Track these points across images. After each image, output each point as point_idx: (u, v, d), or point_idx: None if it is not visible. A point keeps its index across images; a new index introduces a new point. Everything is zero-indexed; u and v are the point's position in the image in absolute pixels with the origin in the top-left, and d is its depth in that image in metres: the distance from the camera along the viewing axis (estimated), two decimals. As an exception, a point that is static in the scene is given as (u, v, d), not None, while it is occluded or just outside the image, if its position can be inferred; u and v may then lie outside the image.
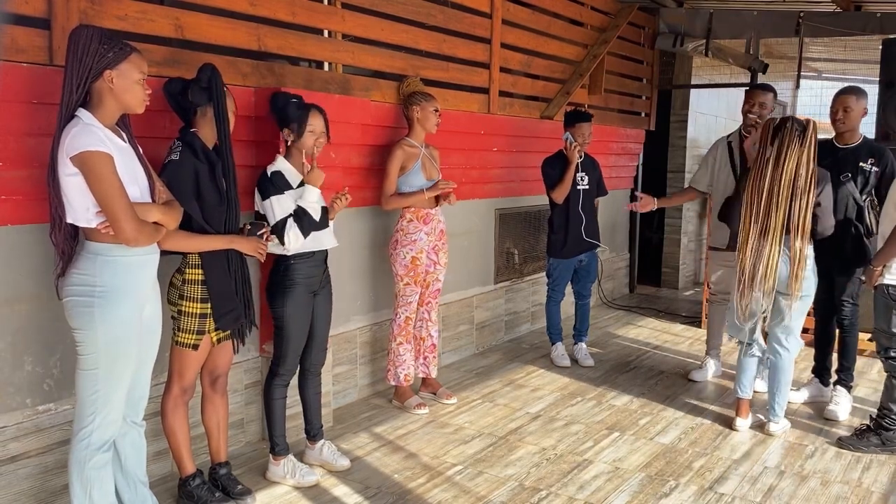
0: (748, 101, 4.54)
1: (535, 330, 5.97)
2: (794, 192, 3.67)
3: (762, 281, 3.75)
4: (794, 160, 3.65)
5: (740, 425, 4.04)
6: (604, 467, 3.57)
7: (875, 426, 3.81)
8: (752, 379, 4.06)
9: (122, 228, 2.38)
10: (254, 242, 2.95)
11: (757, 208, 3.74)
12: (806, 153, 3.65)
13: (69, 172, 2.35)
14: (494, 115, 5.21)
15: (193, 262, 2.85)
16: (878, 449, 3.75)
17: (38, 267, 2.81)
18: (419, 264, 4.11)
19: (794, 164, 3.65)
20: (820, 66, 10.04)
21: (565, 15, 5.90)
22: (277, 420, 3.34)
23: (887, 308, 3.65)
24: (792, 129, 3.65)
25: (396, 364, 4.21)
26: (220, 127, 2.85)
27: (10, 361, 2.78)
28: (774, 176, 3.68)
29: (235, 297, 2.95)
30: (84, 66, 2.36)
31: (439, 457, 3.65)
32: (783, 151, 3.66)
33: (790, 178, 3.66)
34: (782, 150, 3.66)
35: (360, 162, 4.13)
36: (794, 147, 3.65)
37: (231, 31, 3.41)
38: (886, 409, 3.76)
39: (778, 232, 3.70)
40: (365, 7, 4.09)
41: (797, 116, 3.78)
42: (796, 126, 3.67)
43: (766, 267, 3.73)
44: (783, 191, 3.67)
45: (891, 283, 3.62)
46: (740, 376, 4.05)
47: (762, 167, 3.72)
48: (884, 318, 3.68)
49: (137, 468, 2.76)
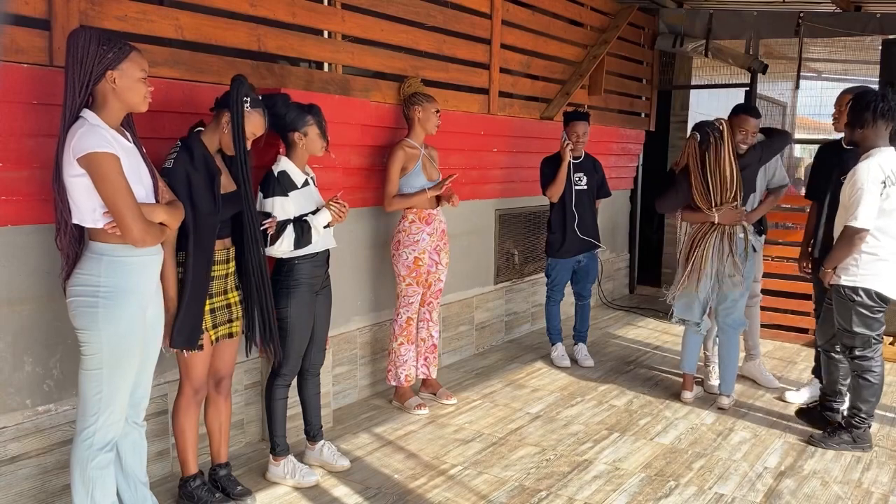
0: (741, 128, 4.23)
1: (536, 330, 5.97)
2: (728, 186, 4.07)
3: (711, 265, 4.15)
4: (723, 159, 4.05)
5: (688, 397, 4.42)
6: (604, 468, 3.57)
7: (846, 424, 3.83)
8: (696, 355, 4.46)
9: (129, 229, 2.39)
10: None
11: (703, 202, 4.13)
12: (726, 150, 4.05)
13: (76, 173, 2.35)
14: (494, 115, 5.21)
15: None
16: (849, 447, 3.79)
17: (39, 267, 2.81)
18: (421, 265, 4.11)
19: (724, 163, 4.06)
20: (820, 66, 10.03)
21: (565, 15, 5.90)
22: (278, 420, 3.34)
23: (846, 308, 3.69)
24: (715, 135, 4.05)
25: (397, 364, 4.21)
26: (235, 139, 2.82)
27: (10, 362, 2.78)
28: (715, 175, 4.07)
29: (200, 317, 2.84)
30: (85, 68, 2.37)
31: (439, 457, 3.65)
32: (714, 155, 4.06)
33: (724, 175, 4.06)
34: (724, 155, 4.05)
35: (360, 162, 4.13)
36: (721, 148, 4.05)
37: (231, 31, 3.41)
38: (856, 409, 3.78)
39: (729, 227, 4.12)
40: (365, 8, 4.09)
41: (710, 121, 4.16)
42: (715, 131, 4.06)
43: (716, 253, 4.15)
44: (721, 186, 4.07)
45: (846, 284, 3.66)
46: (687, 354, 4.42)
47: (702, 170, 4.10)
48: (844, 318, 3.71)
49: (138, 468, 2.76)
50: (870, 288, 3.62)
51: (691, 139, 4.15)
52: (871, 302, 3.63)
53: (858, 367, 3.74)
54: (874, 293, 3.63)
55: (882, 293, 3.63)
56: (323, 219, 3.22)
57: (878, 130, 3.59)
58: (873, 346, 3.68)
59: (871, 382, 3.71)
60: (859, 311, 3.65)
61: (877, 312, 3.66)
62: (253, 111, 2.86)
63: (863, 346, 3.69)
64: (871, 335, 3.67)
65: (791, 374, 5.04)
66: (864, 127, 3.60)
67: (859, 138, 3.65)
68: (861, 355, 3.70)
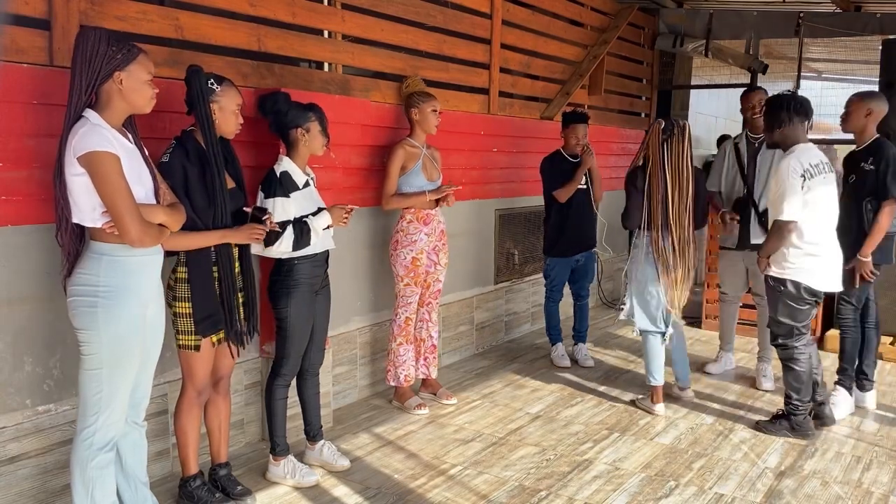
0: (747, 102, 4.67)
1: (535, 330, 5.97)
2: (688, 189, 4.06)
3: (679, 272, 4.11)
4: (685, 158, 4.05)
5: (661, 410, 4.26)
6: (604, 468, 3.57)
7: (785, 412, 3.99)
8: (663, 365, 4.29)
9: (127, 229, 2.39)
10: (245, 231, 2.90)
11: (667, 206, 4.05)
12: (688, 151, 4.07)
13: (76, 172, 2.36)
14: (494, 115, 5.22)
15: (183, 261, 2.84)
16: (788, 434, 3.94)
17: (39, 267, 2.81)
18: (419, 265, 4.11)
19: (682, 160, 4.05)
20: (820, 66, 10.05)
21: (565, 15, 5.91)
22: (278, 420, 3.34)
23: (774, 297, 3.88)
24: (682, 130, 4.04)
25: (396, 365, 4.21)
26: (204, 130, 2.79)
27: (10, 362, 2.78)
28: (681, 175, 4.04)
29: (215, 303, 2.86)
30: (93, 68, 2.37)
31: (439, 457, 3.65)
32: (680, 152, 4.04)
33: (687, 175, 4.05)
34: (679, 150, 4.04)
35: (360, 162, 4.13)
36: (681, 144, 4.04)
37: (231, 31, 3.42)
38: (787, 396, 3.95)
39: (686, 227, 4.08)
40: (365, 8, 4.09)
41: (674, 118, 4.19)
42: (677, 125, 4.06)
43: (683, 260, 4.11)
44: (685, 188, 4.05)
45: (775, 275, 3.83)
46: (656, 365, 4.25)
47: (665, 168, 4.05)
48: (772, 306, 3.91)
49: (138, 468, 2.76)
50: (798, 281, 3.77)
51: (655, 125, 4.15)
52: (798, 294, 3.79)
53: (783, 355, 3.93)
54: (802, 286, 3.77)
55: (811, 287, 3.77)
56: (323, 221, 3.22)
57: (795, 128, 3.76)
58: (796, 336, 3.86)
59: (796, 369, 3.88)
60: (786, 301, 3.82)
61: (803, 304, 3.82)
62: (225, 89, 2.85)
63: (787, 334, 3.86)
64: (795, 325, 3.84)
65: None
66: (783, 126, 3.77)
67: (779, 138, 3.82)
68: (784, 343, 3.89)
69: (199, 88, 2.77)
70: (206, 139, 2.79)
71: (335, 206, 3.29)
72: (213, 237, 2.82)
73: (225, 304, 2.89)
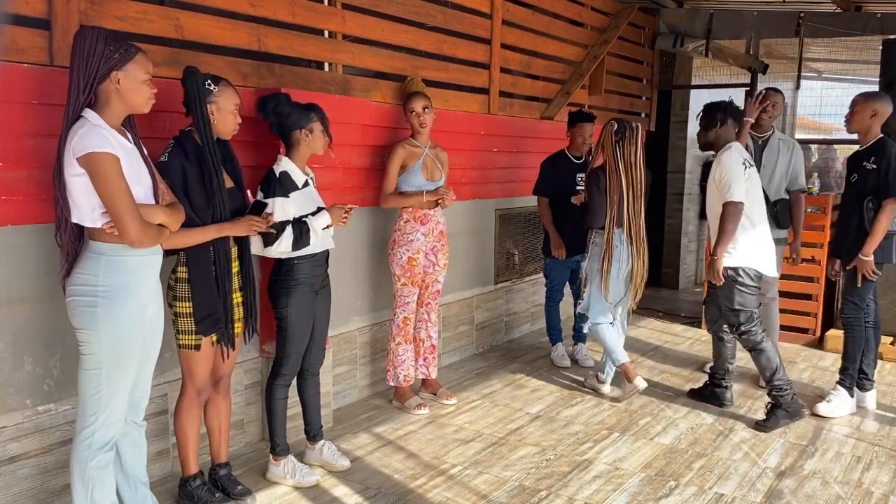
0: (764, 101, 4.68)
1: (535, 330, 5.97)
2: (642, 188, 4.26)
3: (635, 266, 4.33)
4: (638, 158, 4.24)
5: (641, 383, 4.39)
6: (604, 468, 3.57)
7: (774, 401, 4.10)
8: (621, 344, 4.52)
9: (126, 229, 2.39)
10: (244, 223, 2.89)
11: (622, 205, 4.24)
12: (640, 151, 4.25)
13: (75, 173, 2.36)
14: (494, 115, 5.22)
15: (183, 261, 2.85)
16: (788, 420, 4.08)
17: (38, 267, 2.81)
18: (416, 265, 4.11)
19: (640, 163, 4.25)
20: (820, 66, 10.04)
21: (565, 15, 5.90)
22: (278, 420, 3.34)
23: (728, 288, 4.08)
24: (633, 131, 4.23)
25: (395, 365, 4.21)
26: (200, 131, 2.79)
27: (10, 362, 2.78)
28: (635, 175, 4.23)
29: (216, 302, 2.86)
30: (90, 67, 2.37)
31: (439, 457, 3.65)
32: (633, 152, 4.23)
33: (640, 175, 4.25)
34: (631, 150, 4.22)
35: (361, 162, 4.14)
36: (637, 147, 4.24)
37: (231, 31, 3.42)
38: (768, 381, 4.13)
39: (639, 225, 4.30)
40: (365, 7, 4.09)
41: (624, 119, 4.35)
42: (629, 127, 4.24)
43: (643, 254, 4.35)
44: (639, 187, 4.25)
45: (727, 265, 4.04)
46: (616, 346, 4.43)
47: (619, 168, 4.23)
48: (727, 298, 4.09)
49: (138, 468, 2.76)
50: (749, 267, 4.03)
51: (608, 126, 4.30)
52: (749, 280, 4.04)
53: (749, 343, 4.12)
54: (752, 273, 4.04)
55: (759, 271, 4.06)
56: (322, 221, 3.22)
57: (728, 130, 4.12)
58: (757, 321, 4.11)
59: (766, 351, 4.09)
60: (740, 289, 4.05)
61: (753, 291, 4.08)
62: (221, 89, 2.85)
63: (747, 321, 4.08)
64: (752, 311, 4.09)
65: (791, 375, 5.03)
66: (719, 126, 4.09)
67: (714, 138, 4.14)
68: (746, 330, 4.09)
69: (196, 90, 2.76)
70: (203, 140, 2.79)
71: (335, 206, 3.29)
72: (211, 231, 2.81)
73: (225, 302, 2.89)
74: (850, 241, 4.11)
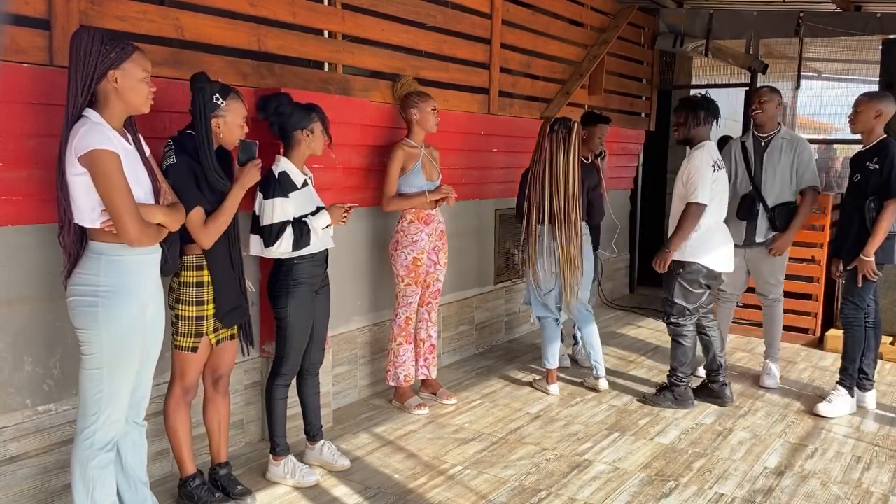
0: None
1: (536, 330, 5.95)
2: (576, 185, 4.28)
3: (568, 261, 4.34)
4: (574, 155, 4.26)
5: (555, 390, 4.55)
6: (604, 467, 3.57)
7: (668, 384, 4.35)
8: (557, 349, 4.58)
9: (125, 228, 2.39)
10: (248, 173, 2.90)
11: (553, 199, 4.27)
12: (575, 149, 4.27)
13: (77, 172, 2.36)
14: (494, 115, 5.21)
15: (189, 265, 2.85)
16: (672, 405, 4.32)
17: (38, 267, 2.81)
18: (420, 265, 4.11)
19: (575, 159, 4.26)
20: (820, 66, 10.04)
21: (565, 15, 5.90)
22: (278, 420, 3.34)
23: (672, 279, 4.23)
24: (568, 130, 4.23)
25: (396, 365, 4.21)
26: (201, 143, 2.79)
27: (10, 362, 2.78)
28: (565, 172, 4.25)
29: (240, 295, 2.96)
30: (87, 67, 2.36)
31: (439, 457, 3.65)
32: (566, 150, 4.24)
33: (574, 172, 4.27)
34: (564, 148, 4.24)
35: (360, 162, 4.13)
36: (570, 145, 4.24)
37: (231, 31, 3.41)
38: (672, 369, 4.34)
39: (574, 220, 4.30)
40: (365, 8, 4.09)
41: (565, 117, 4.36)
42: (563, 127, 4.25)
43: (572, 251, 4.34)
44: (570, 184, 4.26)
45: (676, 258, 4.15)
46: (549, 350, 4.52)
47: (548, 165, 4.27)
48: (668, 288, 4.27)
49: (138, 468, 2.76)
50: (698, 262, 4.13)
51: (545, 124, 4.34)
52: (693, 277, 4.15)
53: (673, 332, 4.31)
54: (704, 270, 4.14)
55: (710, 268, 4.15)
56: (322, 220, 3.22)
57: (707, 128, 4.16)
58: (687, 316, 4.25)
59: (683, 345, 4.28)
60: (681, 283, 4.19)
61: (697, 288, 4.19)
62: (230, 102, 2.85)
63: (679, 314, 4.25)
64: (687, 307, 4.23)
65: (791, 375, 5.04)
66: (701, 123, 4.13)
67: (693, 134, 4.16)
68: (675, 322, 4.28)
69: (202, 104, 2.76)
70: (202, 151, 2.78)
71: (334, 205, 3.29)
72: (232, 198, 2.85)
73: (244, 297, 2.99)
74: (852, 241, 4.10)
